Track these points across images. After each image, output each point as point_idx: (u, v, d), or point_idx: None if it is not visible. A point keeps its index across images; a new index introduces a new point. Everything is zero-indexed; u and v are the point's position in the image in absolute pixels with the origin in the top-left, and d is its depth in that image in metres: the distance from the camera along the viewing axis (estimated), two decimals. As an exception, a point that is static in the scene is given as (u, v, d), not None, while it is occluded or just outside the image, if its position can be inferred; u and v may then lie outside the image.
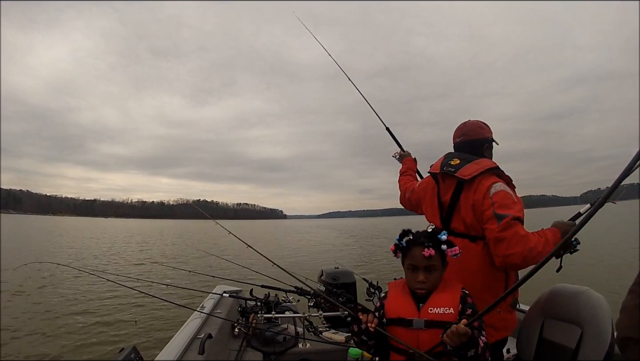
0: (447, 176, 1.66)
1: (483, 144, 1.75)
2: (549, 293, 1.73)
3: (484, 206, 1.52)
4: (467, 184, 1.59)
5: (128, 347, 1.48)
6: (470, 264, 1.55)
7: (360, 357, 2.25)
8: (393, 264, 11.68)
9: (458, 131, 1.80)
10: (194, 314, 2.20)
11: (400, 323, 1.26)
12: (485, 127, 1.78)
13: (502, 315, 1.59)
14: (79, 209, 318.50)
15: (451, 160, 1.67)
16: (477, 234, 1.57)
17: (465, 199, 1.59)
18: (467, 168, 1.59)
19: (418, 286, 1.27)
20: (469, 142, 1.74)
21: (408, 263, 1.30)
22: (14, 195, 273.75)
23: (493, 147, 1.82)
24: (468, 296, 1.29)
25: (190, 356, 1.72)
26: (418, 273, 1.27)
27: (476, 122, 1.79)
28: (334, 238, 28.67)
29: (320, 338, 2.42)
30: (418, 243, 1.29)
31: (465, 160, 1.64)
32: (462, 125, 1.80)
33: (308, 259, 13.84)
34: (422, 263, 1.26)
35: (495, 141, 1.81)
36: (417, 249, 1.28)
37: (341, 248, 19.74)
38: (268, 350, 2.26)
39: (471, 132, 1.76)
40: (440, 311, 1.23)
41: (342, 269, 3.00)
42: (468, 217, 1.58)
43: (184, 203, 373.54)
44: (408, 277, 1.31)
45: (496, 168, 1.61)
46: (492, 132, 1.81)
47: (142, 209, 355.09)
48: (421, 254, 1.26)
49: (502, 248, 1.43)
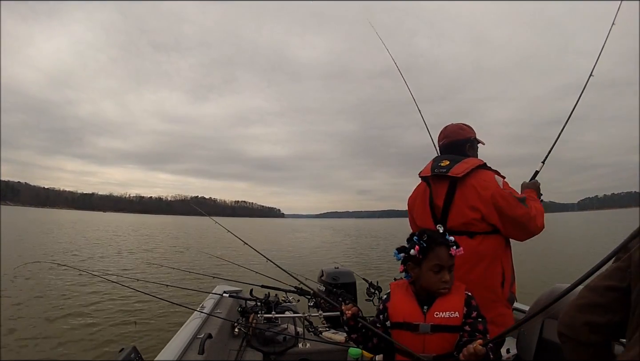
0: (439, 177, 1.72)
1: (465, 144, 1.84)
2: (549, 293, 1.74)
3: (499, 197, 1.59)
4: (461, 182, 1.65)
5: (128, 347, 1.47)
6: (469, 261, 1.58)
7: (360, 357, 2.25)
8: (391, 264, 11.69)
9: (440, 134, 1.92)
10: (194, 314, 2.19)
11: (406, 328, 1.24)
12: (465, 128, 1.88)
13: (499, 310, 1.61)
14: (77, 202, 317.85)
15: (440, 162, 1.74)
16: (476, 230, 1.63)
17: (461, 196, 1.65)
18: (458, 167, 1.66)
19: (442, 287, 1.24)
20: (452, 144, 1.85)
21: (433, 264, 1.24)
22: (12, 187, 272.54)
23: (478, 147, 1.91)
24: (472, 299, 1.27)
25: (190, 356, 1.72)
26: (443, 273, 1.24)
27: (457, 125, 1.89)
28: (330, 237, 28.76)
29: (320, 338, 2.42)
30: (441, 243, 1.25)
31: (454, 160, 1.71)
32: (443, 129, 1.92)
33: (308, 259, 13.85)
34: (448, 262, 1.25)
35: (480, 141, 1.90)
36: (441, 249, 1.25)
37: (339, 247, 19.79)
38: (268, 350, 2.26)
39: (452, 134, 1.86)
40: (446, 316, 1.22)
41: (342, 269, 3.00)
42: (466, 213, 1.63)
43: (182, 199, 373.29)
44: (431, 278, 1.25)
45: (484, 164, 1.71)
46: (475, 133, 1.90)
47: (140, 204, 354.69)
48: (447, 254, 1.24)
49: (535, 223, 1.61)
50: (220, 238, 20.36)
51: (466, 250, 1.56)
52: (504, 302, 1.64)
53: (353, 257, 15.14)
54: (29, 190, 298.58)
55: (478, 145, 1.92)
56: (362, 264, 12.19)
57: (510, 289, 1.68)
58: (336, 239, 27.67)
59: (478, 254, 1.60)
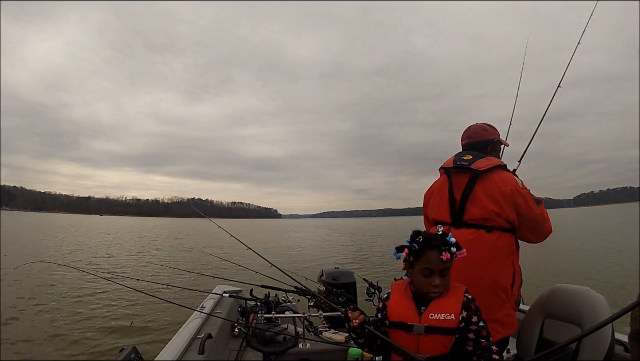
0: (460, 170, 1.73)
1: (487, 145, 1.85)
2: (549, 293, 1.75)
3: (518, 195, 1.61)
4: (482, 175, 1.66)
5: (128, 347, 1.46)
6: (483, 258, 1.57)
7: (360, 357, 2.25)
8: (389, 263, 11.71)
9: (464, 133, 1.92)
10: (194, 314, 2.18)
11: (401, 327, 1.24)
12: (488, 129, 1.88)
13: (507, 310, 1.61)
14: (73, 206, 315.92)
15: (463, 156, 1.75)
16: (494, 224, 1.61)
17: (482, 189, 1.65)
18: (481, 162, 1.68)
19: (432, 290, 1.23)
20: (474, 144, 1.85)
21: (422, 267, 1.23)
22: (7, 191, 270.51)
23: (502, 148, 1.92)
24: (472, 302, 1.24)
25: (190, 356, 1.71)
26: (434, 277, 1.22)
27: (480, 125, 1.90)
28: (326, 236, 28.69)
29: (320, 338, 2.41)
30: (433, 246, 1.23)
31: (477, 156, 1.73)
32: (467, 128, 1.91)
33: (307, 259, 13.84)
34: (439, 266, 1.22)
35: (504, 142, 1.91)
36: (432, 253, 1.22)
37: (337, 247, 19.75)
38: (268, 350, 2.25)
39: (475, 135, 1.87)
40: (441, 318, 1.21)
41: (342, 269, 3.00)
42: (486, 207, 1.62)
43: (179, 201, 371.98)
44: (421, 281, 1.24)
45: (504, 165, 1.73)
46: (499, 134, 1.90)
47: (137, 207, 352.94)
48: (438, 258, 1.21)
49: (547, 226, 1.66)
50: (220, 239, 20.31)
51: (483, 245, 1.56)
52: (512, 303, 1.65)
53: (349, 254, 15.14)
54: (25, 194, 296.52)
55: (502, 146, 1.93)
56: (358, 262, 12.20)
57: (518, 292, 1.70)
58: (332, 238, 27.68)
59: (494, 249, 1.60)
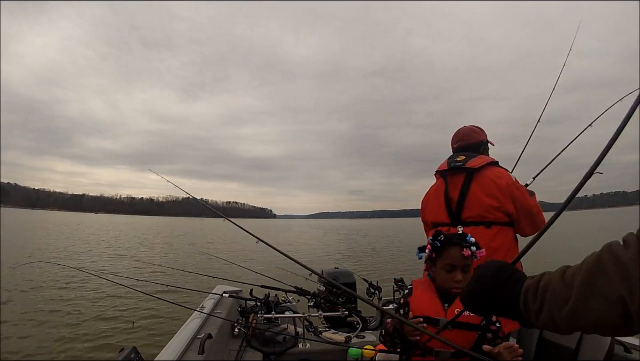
0: (456, 171, 1.79)
1: (479, 147, 1.92)
2: None
3: (514, 187, 1.68)
4: (477, 173, 1.73)
5: (128, 347, 1.45)
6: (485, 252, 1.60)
7: (360, 357, 2.25)
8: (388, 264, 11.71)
9: (454, 137, 1.98)
10: (194, 314, 2.17)
11: (427, 322, 1.25)
12: (478, 131, 1.95)
13: None
14: (67, 203, 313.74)
15: (457, 157, 1.82)
16: (493, 219, 1.68)
17: (478, 186, 1.72)
18: (474, 160, 1.76)
19: (454, 286, 1.27)
20: (466, 147, 1.91)
21: (445, 263, 1.28)
22: (2, 188, 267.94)
23: (489, 148, 1.97)
24: None
25: (190, 356, 1.70)
26: (456, 273, 1.27)
27: (470, 128, 1.97)
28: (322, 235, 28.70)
29: (320, 338, 2.41)
30: (455, 243, 1.28)
31: (470, 156, 1.80)
32: (457, 132, 1.98)
33: (306, 258, 13.85)
34: (461, 262, 1.27)
35: (490, 141, 1.97)
36: (455, 249, 1.28)
37: (335, 247, 19.80)
38: (268, 350, 2.25)
39: (466, 137, 1.93)
40: (467, 313, 1.20)
41: (342, 270, 3.01)
42: (484, 203, 1.68)
43: (174, 200, 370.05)
44: (443, 277, 1.29)
45: (496, 162, 1.80)
46: (487, 135, 1.97)
47: (131, 206, 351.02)
48: (460, 254, 1.26)
49: (541, 216, 1.69)
50: (219, 239, 20.24)
51: (483, 241, 1.58)
52: None
53: (346, 253, 15.16)
54: (19, 191, 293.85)
55: (489, 146, 1.98)
56: (354, 261, 12.22)
57: None
58: (329, 238, 27.73)
59: (494, 245, 1.64)
